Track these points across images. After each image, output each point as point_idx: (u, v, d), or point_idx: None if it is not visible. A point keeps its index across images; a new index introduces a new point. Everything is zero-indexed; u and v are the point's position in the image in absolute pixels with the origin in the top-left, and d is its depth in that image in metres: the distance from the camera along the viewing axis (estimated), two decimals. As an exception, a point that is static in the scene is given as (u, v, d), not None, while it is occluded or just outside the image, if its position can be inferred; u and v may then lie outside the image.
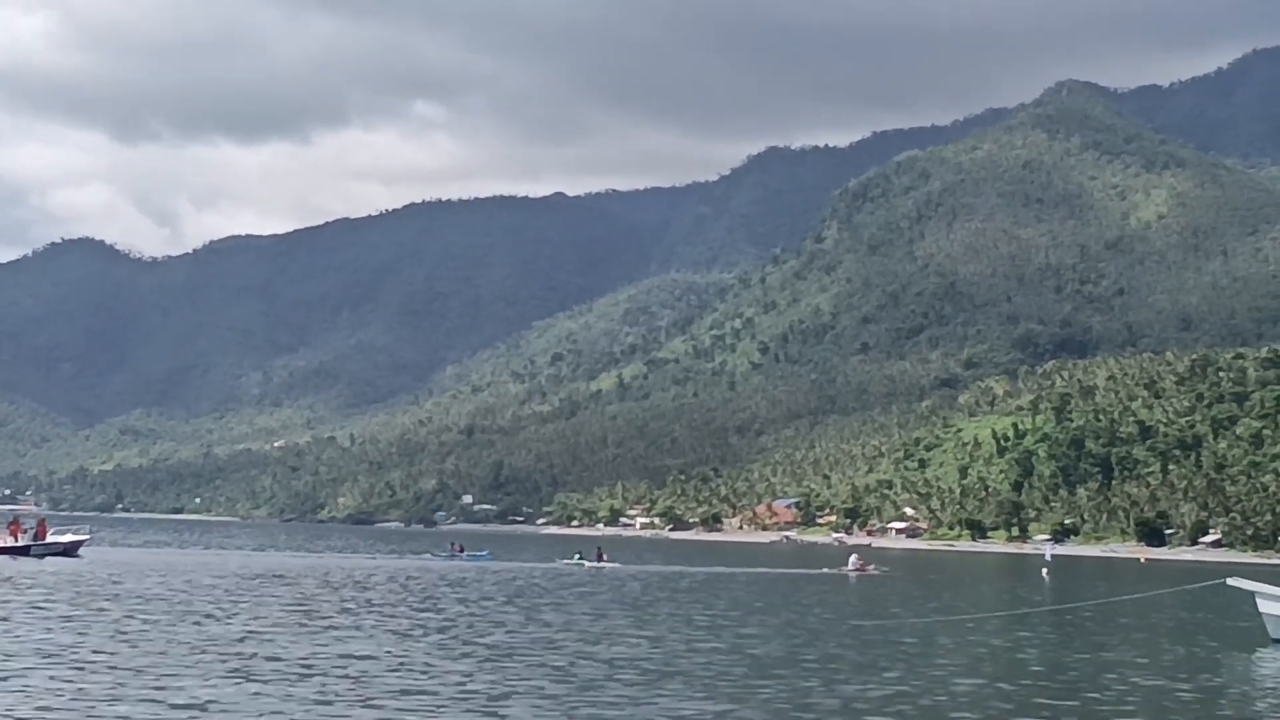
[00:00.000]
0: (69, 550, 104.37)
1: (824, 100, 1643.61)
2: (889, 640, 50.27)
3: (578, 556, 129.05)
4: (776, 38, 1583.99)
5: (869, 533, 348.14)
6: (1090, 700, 34.72)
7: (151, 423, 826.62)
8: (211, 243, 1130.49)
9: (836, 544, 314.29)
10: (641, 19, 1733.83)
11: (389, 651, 40.17)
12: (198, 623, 46.75)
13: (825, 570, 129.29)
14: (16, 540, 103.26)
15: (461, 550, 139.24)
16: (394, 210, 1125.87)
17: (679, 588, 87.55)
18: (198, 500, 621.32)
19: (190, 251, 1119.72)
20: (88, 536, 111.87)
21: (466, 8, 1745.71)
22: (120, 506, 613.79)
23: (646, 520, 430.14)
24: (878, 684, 36.07)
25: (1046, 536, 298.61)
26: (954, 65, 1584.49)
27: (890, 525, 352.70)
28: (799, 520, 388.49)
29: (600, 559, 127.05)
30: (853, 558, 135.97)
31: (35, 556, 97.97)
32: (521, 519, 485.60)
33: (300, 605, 57.89)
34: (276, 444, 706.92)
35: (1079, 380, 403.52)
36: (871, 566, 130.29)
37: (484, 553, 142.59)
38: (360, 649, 40.44)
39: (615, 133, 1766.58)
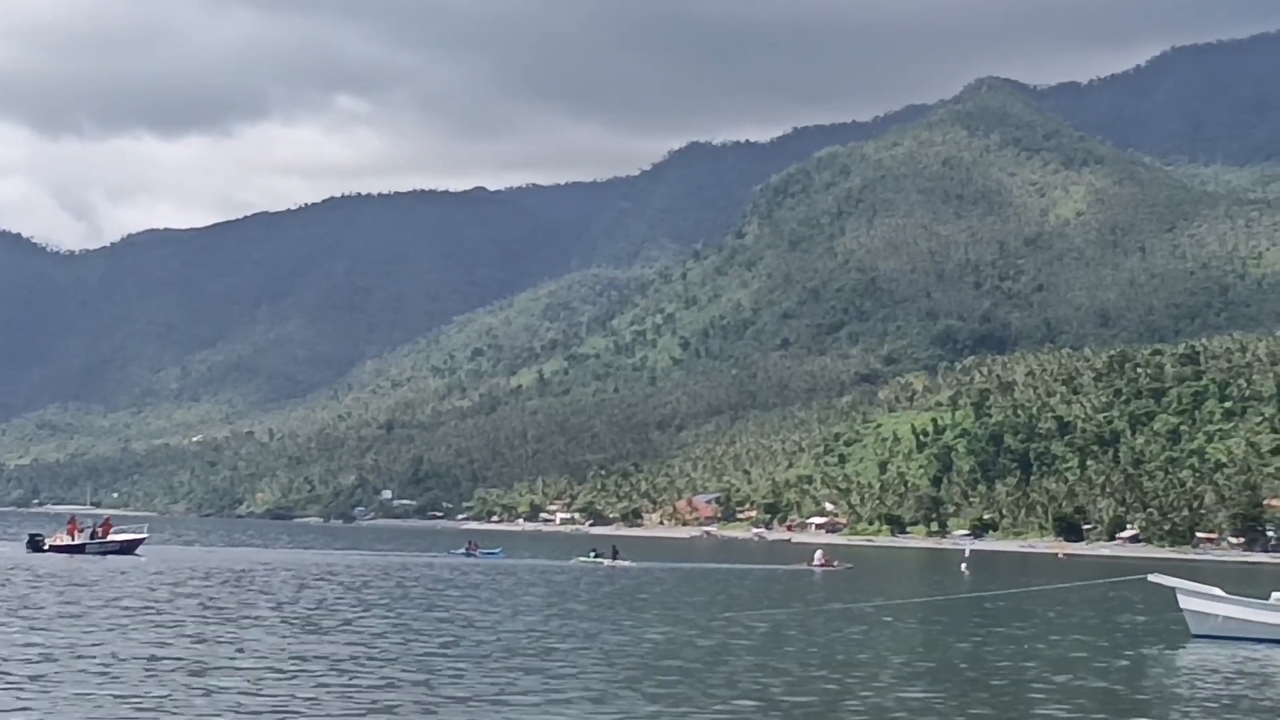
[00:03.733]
0: (127, 549, 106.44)
1: (745, 95, 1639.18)
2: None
3: (593, 554, 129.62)
4: (698, 33, 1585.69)
5: (789, 528, 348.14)
6: (1012, 696, 34.37)
7: (69, 417, 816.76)
8: (130, 236, 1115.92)
9: (756, 539, 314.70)
10: (564, 14, 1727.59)
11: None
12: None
13: (795, 566, 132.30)
14: (74, 539, 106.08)
15: (476, 548, 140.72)
16: (314, 204, 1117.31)
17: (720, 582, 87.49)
18: (115, 495, 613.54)
19: (108, 245, 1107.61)
20: (145, 535, 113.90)
21: (389, 2, 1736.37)
22: (36, 501, 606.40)
23: (567, 515, 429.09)
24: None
25: (965, 532, 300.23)
26: (875, 61, 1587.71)
27: (810, 520, 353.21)
28: (719, 515, 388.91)
29: (615, 557, 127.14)
30: (818, 553, 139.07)
31: (91, 554, 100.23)
32: (441, 514, 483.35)
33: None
34: (194, 439, 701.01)
35: (998, 376, 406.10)
36: (835, 563, 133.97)
37: (497, 550, 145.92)
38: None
39: (537, 128, 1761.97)
